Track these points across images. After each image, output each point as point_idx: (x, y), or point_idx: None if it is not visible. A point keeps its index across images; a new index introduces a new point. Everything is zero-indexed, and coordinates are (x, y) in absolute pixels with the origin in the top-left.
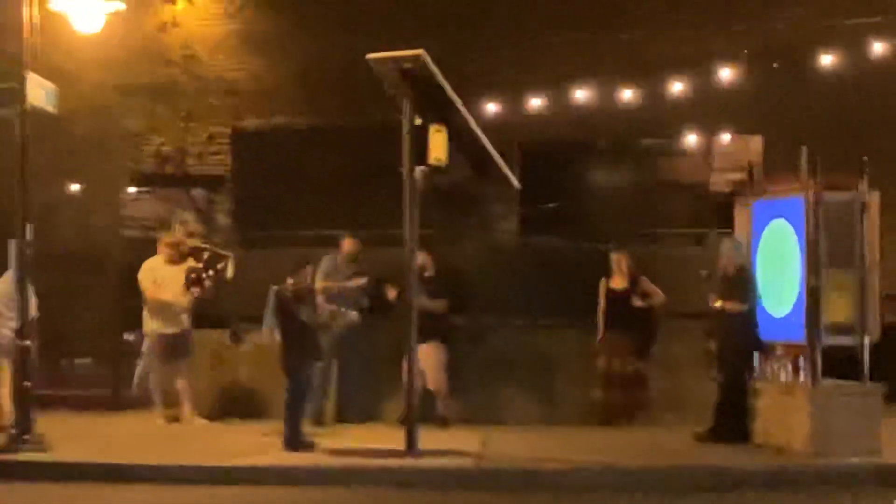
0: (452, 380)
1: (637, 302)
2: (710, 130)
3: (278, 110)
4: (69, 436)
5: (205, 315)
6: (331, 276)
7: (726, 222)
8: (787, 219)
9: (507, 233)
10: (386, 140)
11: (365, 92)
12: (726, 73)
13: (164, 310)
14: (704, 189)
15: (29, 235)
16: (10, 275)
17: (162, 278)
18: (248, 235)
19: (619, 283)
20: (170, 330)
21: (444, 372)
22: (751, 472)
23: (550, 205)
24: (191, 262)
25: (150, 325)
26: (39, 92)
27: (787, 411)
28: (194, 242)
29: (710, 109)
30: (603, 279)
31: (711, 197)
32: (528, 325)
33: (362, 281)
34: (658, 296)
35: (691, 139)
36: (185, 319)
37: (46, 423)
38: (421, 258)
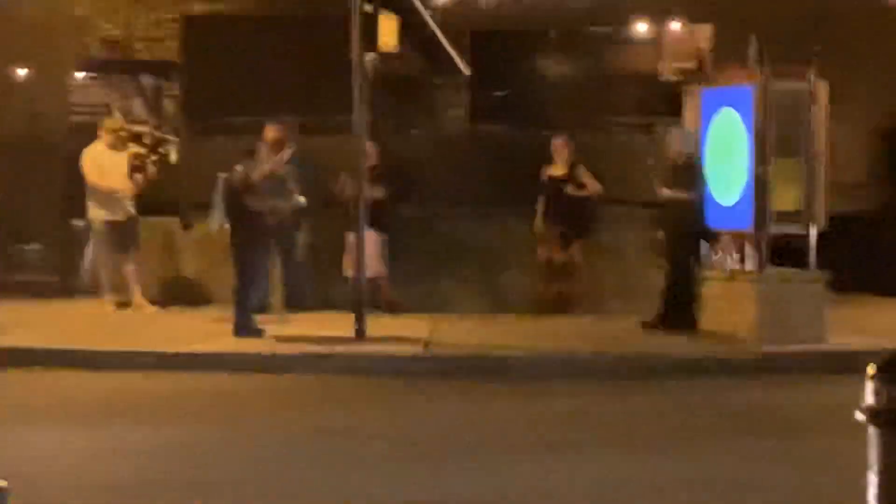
0: (399, 269)
1: (571, 190)
2: (659, 19)
3: None
4: (20, 321)
5: (153, 202)
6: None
7: (675, 111)
8: (735, 108)
9: (455, 121)
10: (338, 27)
11: None
12: None
13: (109, 197)
14: (654, 78)
15: None
16: None
17: (105, 165)
18: (197, 123)
19: (557, 170)
20: (115, 217)
21: (385, 260)
22: (696, 359)
23: (500, 93)
24: (134, 149)
25: (95, 212)
26: None
27: (733, 299)
28: (136, 128)
29: None
30: (544, 166)
31: (661, 86)
32: (476, 213)
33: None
34: (593, 185)
35: (641, 27)
36: (130, 207)
37: None
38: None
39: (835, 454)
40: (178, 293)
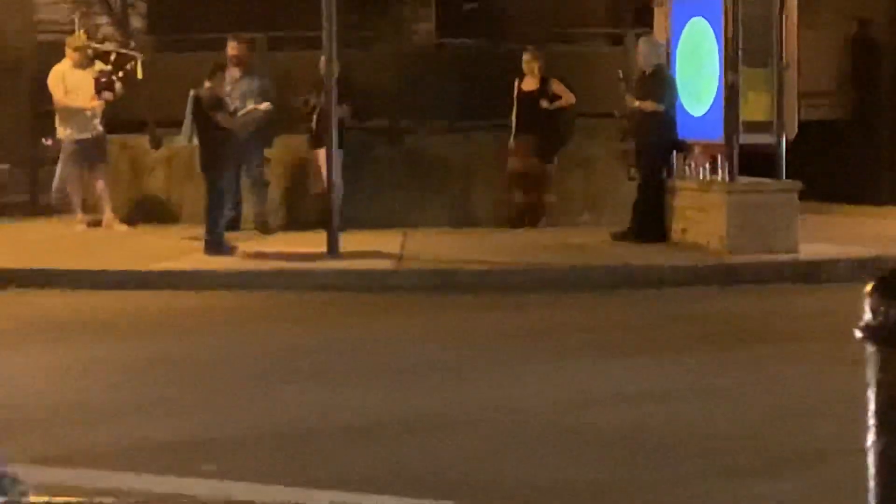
0: (368, 184)
1: (545, 103)
2: None
3: None
4: None
5: (121, 120)
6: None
7: (645, 22)
8: (705, 17)
9: (422, 34)
10: None
11: None
12: None
13: (76, 115)
14: None
15: None
16: None
17: (71, 83)
18: (164, 38)
19: (530, 84)
20: (83, 135)
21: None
22: (667, 269)
23: (467, 6)
24: (99, 66)
25: (63, 131)
26: None
27: (704, 209)
28: (102, 46)
29: None
30: (516, 80)
31: None
32: (444, 128)
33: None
34: (567, 97)
35: None
36: (98, 124)
37: None
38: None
39: (806, 359)
40: (148, 211)
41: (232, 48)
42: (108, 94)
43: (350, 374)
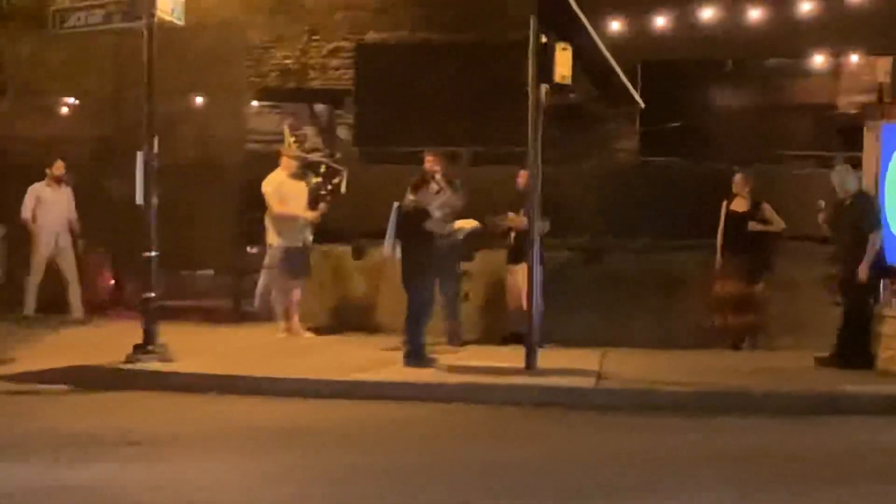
0: (568, 301)
1: (754, 226)
2: (838, 50)
3: (401, 25)
4: (192, 347)
5: (324, 230)
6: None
7: (854, 145)
8: None
9: (627, 152)
10: (508, 57)
11: (488, 7)
12: None
13: (290, 224)
14: (831, 111)
15: (155, 148)
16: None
17: (288, 192)
18: (370, 150)
19: (739, 205)
20: (293, 244)
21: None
22: (871, 397)
23: (672, 124)
24: (314, 178)
25: (275, 238)
26: (167, 4)
27: None
28: (314, 157)
29: (838, 28)
30: (724, 201)
31: (838, 119)
32: (646, 246)
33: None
34: (777, 222)
35: (818, 59)
36: (309, 235)
37: (169, 335)
38: (523, 178)
39: None
40: (350, 321)
41: (428, 161)
42: (322, 206)
43: (544, 494)
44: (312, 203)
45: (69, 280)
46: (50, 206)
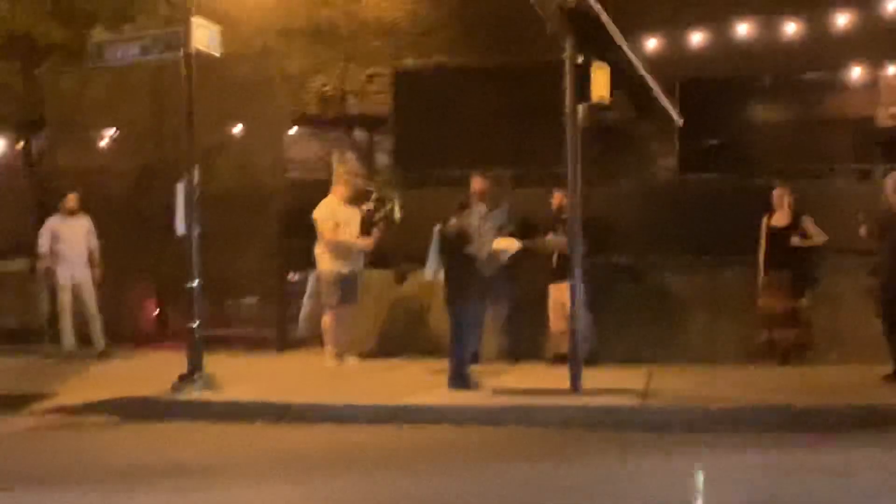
0: (611, 320)
1: (796, 241)
2: (876, 63)
3: (438, 50)
4: (237, 376)
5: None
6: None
7: (893, 157)
8: None
9: (666, 170)
10: (545, 78)
11: (524, 30)
12: (893, 3)
13: (344, 250)
14: (870, 124)
15: (195, 178)
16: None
17: (340, 219)
18: (410, 175)
19: (780, 220)
20: (346, 270)
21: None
22: None
23: (711, 141)
24: (366, 206)
25: (327, 264)
26: (204, 35)
27: None
28: (365, 184)
29: (876, 41)
30: (765, 216)
31: (878, 132)
32: (688, 263)
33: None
34: (819, 236)
35: (856, 72)
36: (361, 262)
37: (214, 363)
38: (557, 199)
39: None
40: (394, 345)
41: (476, 183)
42: (375, 233)
43: None
44: (365, 230)
45: (90, 313)
46: (66, 239)
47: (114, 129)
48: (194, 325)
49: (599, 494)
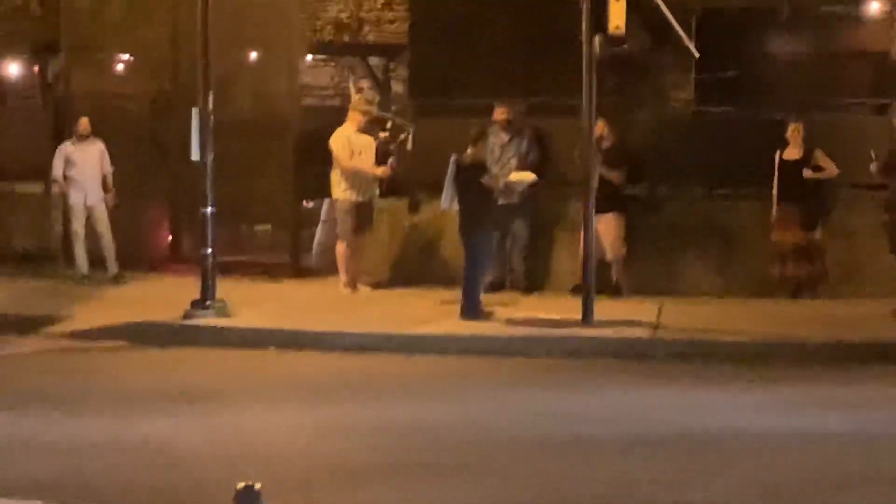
0: (628, 250)
1: (808, 173)
2: None
3: None
4: (250, 302)
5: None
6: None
7: None
8: None
9: (682, 102)
10: (563, 7)
11: None
12: None
13: (360, 179)
14: (887, 58)
15: (210, 104)
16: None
17: (357, 146)
18: (425, 104)
19: (793, 153)
20: (361, 199)
21: (623, 242)
22: None
23: (727, 74)
24: (381, 134)
25: (342, 192)
26: None
27: None
28: (380, 113)
29: None
30: (778, 150)
31: (894, 66)
32: (703, 195)
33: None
34: (831, 169)
35: (874, 6)
36: (376, 190)
37: (227, 290)
38: (599, 128)
39: None
40: (408, 275)
41: (500, 112)
42: (391, 162)
43: (605, 444)
44: (379, 159)
45: (103, 237)
46: (79, 164)
47: (130, 53)
48: (207, 252)
49: (595, 422)
